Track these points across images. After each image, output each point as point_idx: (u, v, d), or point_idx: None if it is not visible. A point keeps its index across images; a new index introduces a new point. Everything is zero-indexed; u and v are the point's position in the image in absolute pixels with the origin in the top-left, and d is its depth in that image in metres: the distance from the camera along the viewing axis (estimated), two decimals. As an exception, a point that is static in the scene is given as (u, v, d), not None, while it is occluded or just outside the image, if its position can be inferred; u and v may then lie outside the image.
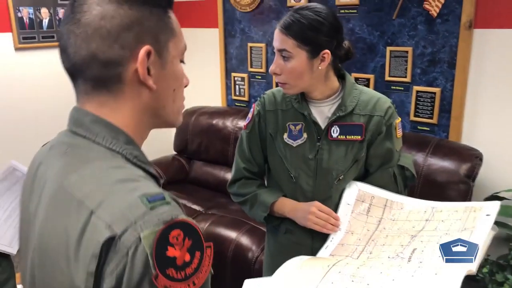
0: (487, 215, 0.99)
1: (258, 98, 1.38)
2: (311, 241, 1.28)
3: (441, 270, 0.92)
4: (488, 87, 2.27)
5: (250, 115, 1.36)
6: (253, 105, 1.37)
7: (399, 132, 1.29)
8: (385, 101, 1.27)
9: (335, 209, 1.25)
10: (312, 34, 1.15)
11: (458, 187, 2.08)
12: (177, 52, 0.72)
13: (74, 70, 0.66)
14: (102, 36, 0.63)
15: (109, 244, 0.54)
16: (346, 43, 1.25)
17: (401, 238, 1.06)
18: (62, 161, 0.66)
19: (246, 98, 3.22)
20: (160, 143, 3.76)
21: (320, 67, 1.19)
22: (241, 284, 2.22)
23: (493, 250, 2.23)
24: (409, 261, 0.99)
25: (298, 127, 1.27)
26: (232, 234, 2.31)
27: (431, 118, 2.44)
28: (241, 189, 1.37)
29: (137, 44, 0.64)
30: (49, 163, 0.68)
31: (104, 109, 0.67)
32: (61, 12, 2.98)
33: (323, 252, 1.18)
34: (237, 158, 1.40)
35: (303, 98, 1.26)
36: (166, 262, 0.54)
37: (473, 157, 2.13)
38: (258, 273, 2.13)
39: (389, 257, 1.03)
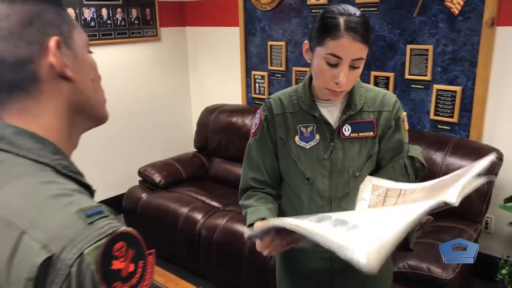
0: (479, 165, 0.98)
1: (263, 103, 1.36)
2: None
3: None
4: (511, 85, 2.22)
5: (257, 121, 1.33)
6: (258, 111, 1.34)
7: (406, 125, 1.31)
8: (391, 96, 1.28)
9: (354, 205, 1.26)
10: (370, 36, 1.15)
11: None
12: (83, 43, 0.68)
13: None
14: (4, 37, 0.60)
15: (47, 265, 0.50)
16: None
17: (403, 206, 1.06)
18: None
19: (266, 96, 3.24)
20: (181, 140, 3.83)
21: None
22: (257, 279, 2.25)
23: (513, 252, 2.19)
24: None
25: (309, 129, 1.27)
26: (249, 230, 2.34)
27: (452, 117, 2.41)
28: (245, 201, 1.36)
29: (44, 37, 0.62)
30: None
31: (25, 117, 0.62)
32: (86, 12, 3.08)
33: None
34: (245, 168, 1.37)
35: (312, 99, 1.27)
36: (112, 276, 0.52)
37: (493, 157, 2.09)
38: (273, 269, 2.15)
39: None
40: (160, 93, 3.65)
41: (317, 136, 1.26)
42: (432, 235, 2.02)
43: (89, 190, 0.65)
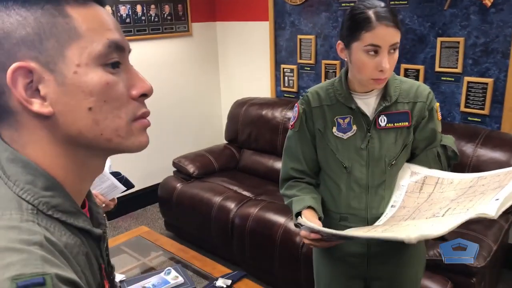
0: None
1: (301, 97, 1.43)
2: (367, 224, 1.35)
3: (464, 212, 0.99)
4: (544, 77, 2.22)
5: (295, 114, 1.41)
6: (296, 105, 1.42)
7: (439, 115, 1.37)
8: (425, 88, 1.35)
9: (390, 193, 1.32)
10: (399, 21, 1.23)
11: (509, 179, 2.06)
12: (86, 58, 0.53)
13: None
14: None
15: None
16: None
17: (442, 203, 1.12)
18: None
19: (295, 89, 3.30)
20: (212, 133, 3.93)
21: None
22: (289, 267, 2.33)
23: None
24: (442, 217, 1.05)
25: (346, 120, 1.34)
26: (280, 219, 2.42)
27: (483, 109, 2.42)
28: (287, 190, 1.43)
29: (11, 61, 0.50)
30: None
31: (15, 146, 0.54)
32: (122, 9, 3.20)
33: (377, 224, 1.27)
34: (285, 158, 1.45)
35: (348, 92, 1.34)
36: None
37: (525, 149, 2.10)
38: (305, 257, 2.23)
39: (426, 218, 1.10)
40: (191, 87, 3.76)
41: (354, 127, 1.33)
42: (463, 224, 2.04)
43: (89, 234, 0.56)
